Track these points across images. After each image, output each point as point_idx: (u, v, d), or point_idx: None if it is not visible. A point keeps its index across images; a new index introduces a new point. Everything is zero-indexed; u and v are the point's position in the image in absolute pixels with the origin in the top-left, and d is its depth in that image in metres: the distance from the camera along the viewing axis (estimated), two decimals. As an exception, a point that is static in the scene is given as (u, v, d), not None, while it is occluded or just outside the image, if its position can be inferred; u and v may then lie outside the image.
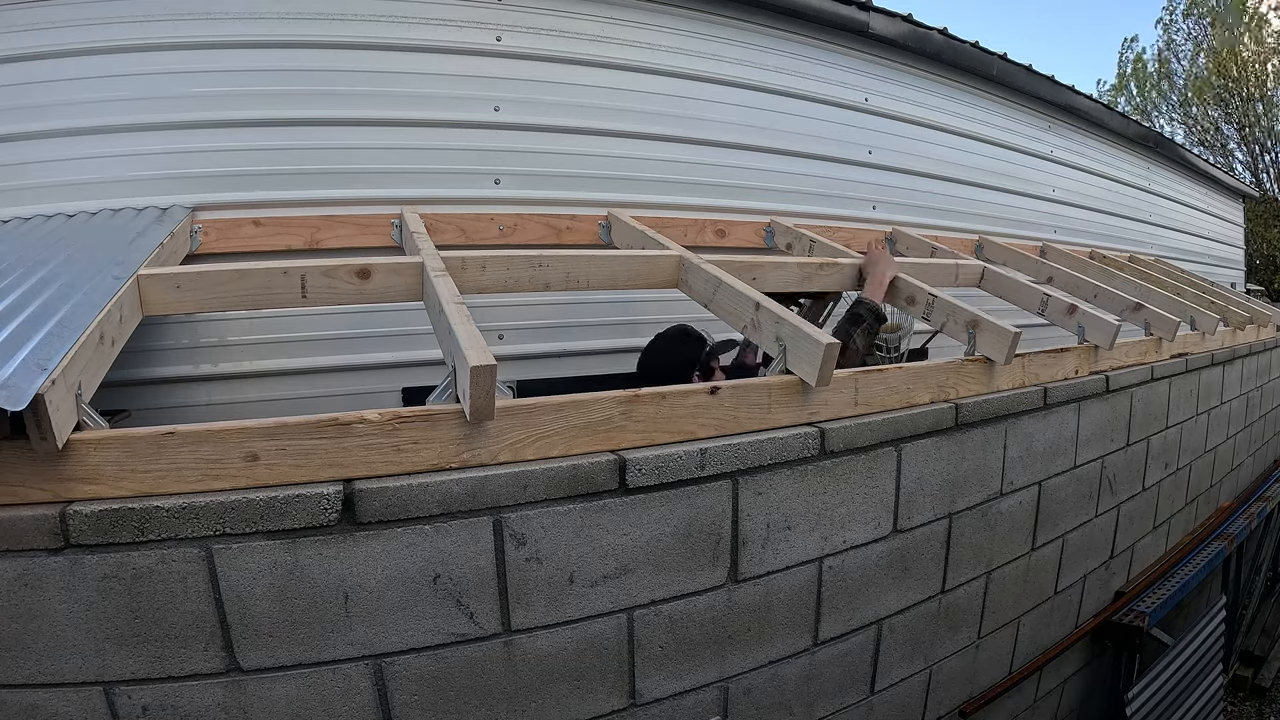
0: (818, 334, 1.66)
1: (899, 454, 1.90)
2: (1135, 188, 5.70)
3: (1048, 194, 4.68)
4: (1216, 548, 3.71)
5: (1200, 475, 3.74)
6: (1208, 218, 7.19)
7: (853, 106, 3.46)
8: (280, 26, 2.20)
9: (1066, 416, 2.48)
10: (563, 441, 1.42)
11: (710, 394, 1.59)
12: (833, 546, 1.80)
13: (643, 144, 2.80)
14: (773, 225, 3.07)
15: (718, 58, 2.96)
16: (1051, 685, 2.77)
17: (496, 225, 2.49)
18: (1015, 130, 4.38)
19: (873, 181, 3.56)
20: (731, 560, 1.62)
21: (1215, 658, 3.46)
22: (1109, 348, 2.66)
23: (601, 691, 1.50)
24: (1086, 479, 2.65)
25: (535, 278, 1.92)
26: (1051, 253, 4.17)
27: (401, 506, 1.26)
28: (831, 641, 1.85)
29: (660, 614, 1.54)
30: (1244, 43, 14.68)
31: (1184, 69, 16.52)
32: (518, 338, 2.57)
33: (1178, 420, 3.31)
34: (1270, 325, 4.63)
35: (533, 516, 1.37)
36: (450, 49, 2.41)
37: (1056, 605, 2.66)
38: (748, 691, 1.71)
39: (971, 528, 2.16)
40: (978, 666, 2.33)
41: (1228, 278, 7.42)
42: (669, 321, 2.28)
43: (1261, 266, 14.50)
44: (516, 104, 2.52)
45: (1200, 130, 16.30)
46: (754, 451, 1.61)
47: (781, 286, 2.33)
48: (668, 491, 1.51)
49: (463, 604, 1.33)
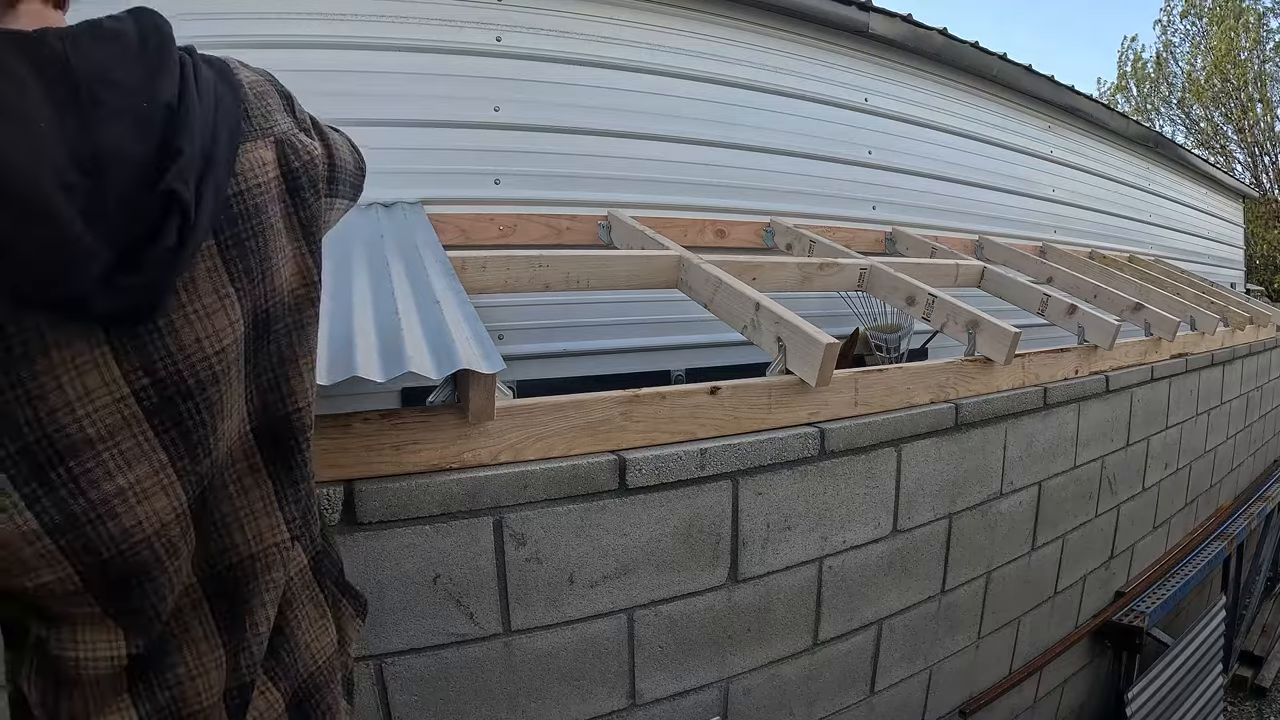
0: (818, 334, 1.66)
1: (899, 454, 1.90)
2: (1135, 188, 5.70)
3: (1048, 194, 4.68)
4: (1216, 548, 3.71)
5: (1200, 475, 3.74)
6: (1208, 218, 7.19)
7: (853, 106, 3.46)
8: (280, 26, 2.19)
9: (1066, 416, 2.48)
10: (563, 441, 1.42)
11: (710, 394, 1.59)
12: (833, 546, 1.80)
13: (643, 144, 2.80)
14: (773, 225, 3.07)
15: (718, 58, 2.96)
16: (1051, 685, 2.77)
17: (496, 225, 2.48)
18: (1015, 130, 4.38)
19: (873, 181, 3.56)
20: (731, 560, 1.62)
21: (1215, 658, 3.46)
22: (1109, 348, 2.66)
23: (601, 692, 1.50)
24: (1086, 479, 2.65)
25: (535, 278, 1.91)
26: (1051, 253, 4.17)
27: (401, 507, 1.26)
28: (831, 641, 1.85)
29: (660, 614, 1.54)
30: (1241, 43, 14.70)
31: (1182, 70, 16.53)
32: (518, 338, 2.57)
33: (1178, 420, 3.31)
34: (1270, 325, 4.63)
35: (533, 516, 1.37)
36: (450, 49, 2.41)
37: (1056, 605, 2.66)
38: (748, 691, 1.71)
39: (971, 528, 2.16)
40: (978, 666, 2.33)
41: (1228, 278, 7.42)
42: (669, 321, 2.28)
43: (1261, 266, 14.50)
44: (516, 104, 2.52)
45: (1200, 131, 16.31)
46: (754, 451, 1.61)
47: (781, 286, 2.33)
48: (668, 491, 1.51)
49: (462, 604, 1.33)
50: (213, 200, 0.62)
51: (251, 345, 0.71)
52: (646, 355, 2.85)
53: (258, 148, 0.70)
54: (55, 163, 0.52)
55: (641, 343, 2.83)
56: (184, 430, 0.64)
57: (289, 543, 0.78)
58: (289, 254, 0.74)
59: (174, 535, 0.66)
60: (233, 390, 0.69)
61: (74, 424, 0.57)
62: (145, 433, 0.62)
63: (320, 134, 0.85)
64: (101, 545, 0.61)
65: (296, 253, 0.75)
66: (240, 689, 0.74)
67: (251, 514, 0.75)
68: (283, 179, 0.73)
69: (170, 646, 0.70)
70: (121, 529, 0.61)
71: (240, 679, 0.74)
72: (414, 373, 1.13)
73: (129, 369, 0.60)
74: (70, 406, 0.57)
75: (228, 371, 0.67)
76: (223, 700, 0.73)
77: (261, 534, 0.75)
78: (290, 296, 0.75)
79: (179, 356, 0.62)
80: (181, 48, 0.65)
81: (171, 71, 0.61)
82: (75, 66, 0.55)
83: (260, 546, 0.75)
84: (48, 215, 0.51)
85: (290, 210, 0.74)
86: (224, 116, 0.66)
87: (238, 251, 0.67)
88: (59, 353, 0.56)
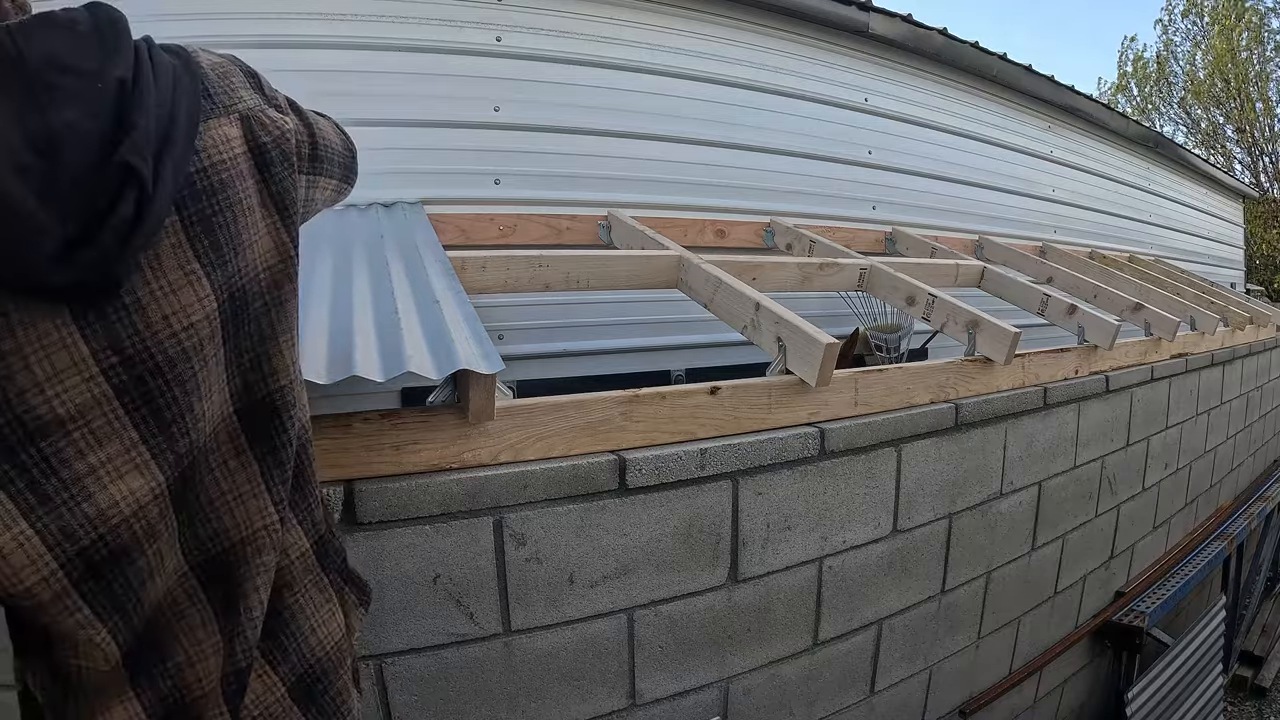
0: (818, 334, 1.66)
1: (899, 454, 1.90)
2: (1135, 188, 5.70)
3: (1048, 194, 4.68)
4: (1216, 548, 3.71)
5: (1200, 475, 3.74)
6: (1207, 218, 7.19)
7: (853, 106, 3.46)
8: (280, 26, 2.19)
9: (1066, 416, 2.48)
10: (563, 441, 1.42)
11: (710, 394, 1.59)
12: (833, 546, 1.80)
13: (643, 144, 2.80)
14: (773, 225, 3.07)
15: (718, 58, 2.96)
16: (1051, 685, 2.77)
17: (496, 225, 2.48)
18: (1015, 130, 4.38)
19: (873, 181, 3.56)
20: (731, 560, 1.62)
21: (1215, 658, 3.46)
22: (1109, 348, 2.66)
23: (601, 692, 1.50)
24: (1086, 479, 2.65)
25: (535, 278, 1.91)
26: (1051, 253, 4.17)
27: (401, 507, 1.26)
28: (831, 641, 1.85)
29: (660, 614, 1.54)
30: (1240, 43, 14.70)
31: (1183, 70, 16.53)
32: (518, 338, 2.57)
33: (1178, 420, 3.31)
34: (1270, 325, 4.63)
35: (533, 517, 1.37)
36: (450, 49, 2.41)
37: (1056, 605, 2.66)
38: (748, 691, 1.71)
39: (971, 528, 2.16)
40: (978, 666, 2.33)
41: (1227, 278, 7.43)
42: (669, 321, 2.28)
43: (1261, 266, 14.50)
44: (516, 104, 2.52)
45: (1200, 131, 16.31)
46: (754, 451, 1.61)
47: (781, 286, 2.33)
48: (668, 491, 1.51)
49: (462, 604, 1.33)
50: (172, 177, 0.62)
51: (230, 325, 0.71)
52: (646, 355, 2.85)
53: (221, 125, 0.70)
54: (10, 145, 0.53)
55: (641, 343, 2.83)
56: (155, 408, 0.65)
57: (278, 525, 0.78)
58: (262, 229, 0.74)
59: (152, 517, 0.66)
60: (209, 369, 0.69)
61: (44, 404, 0.58)
62: (115, 410, 0.62)
63: (298, 113, 0.85)
64: (79, 528, 0.61)
65: (271, 228, 0.75)
66: (236, 674, 0.75)
67: (239, 497, 0.75)
68: (251, 154, 0.72)
69: (168, 635, 0.71)
70: (97, 509, 0.62)
71: (236, 664, 0.75)
72: (413, 372, 1.13)
73: (97, 348, 0.60)
74: (39, 387, 0.58)
75: (201, 349, 0.67)
76: (220, 685, 0.74)
77: (250, 517, 0.76)
78: (266, 273, 0.75)
79: (146, 334, 0.63)
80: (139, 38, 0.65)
81: (125, 53, 0.62)
82: (27, 56, 0.55)
83: (250, 530, 0.75)
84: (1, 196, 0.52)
85: (262, 185, 0.74)
86: (182, 95, 0.66)
87: (203, 228, 0.67)
88: (25, 333, 0.56)
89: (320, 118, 0.91)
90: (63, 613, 0.62)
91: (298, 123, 0.82)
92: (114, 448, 0.63)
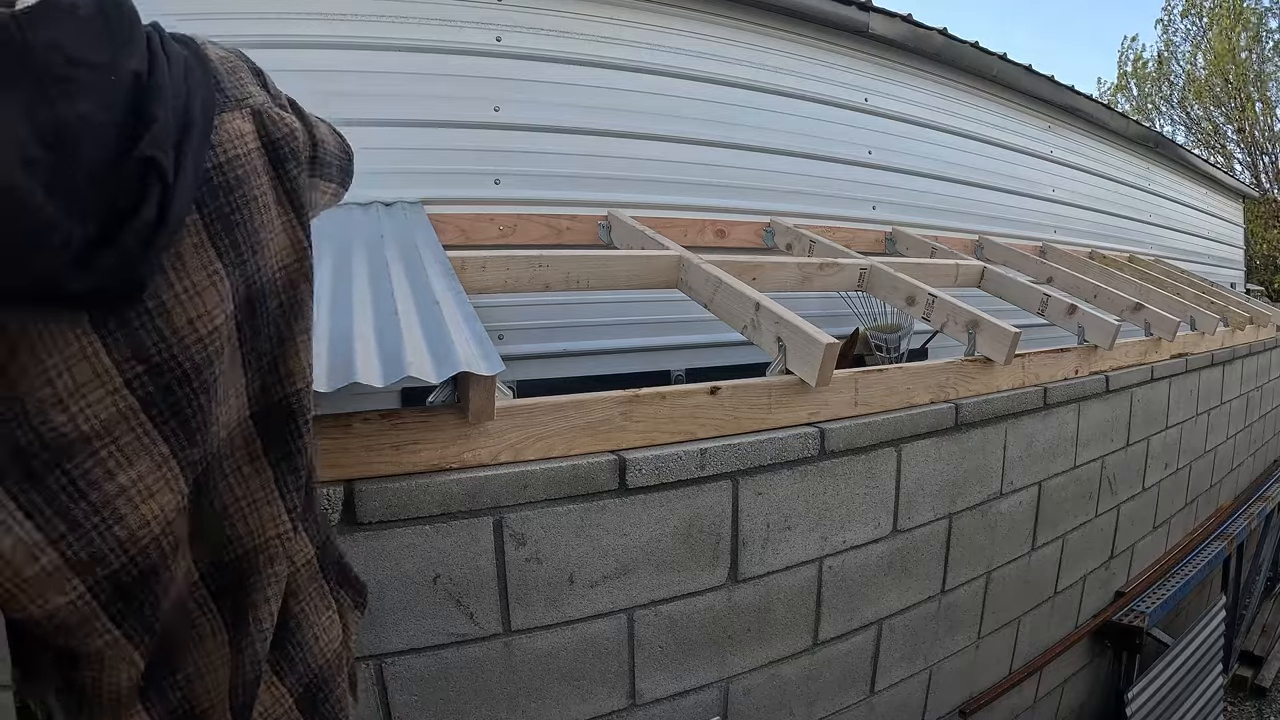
0: (818, 334, 1.66)
1: (899, 454, 1.90)
2: (1135, 188, 5.70)
3: (1048, 194, 4.68)
4: (1216, 548, 3.71)
5: (1200, 475, 3.74)
6: (1207, 218, 7.19)
7: (853, 106, 3.46)
8: (280, 26, 2.19)
9: (1066, 416, 2.48)
10: (563, 441, 1.42)
11: (710, 394, 1.59)
12: (833, 546, 1.80)
13: (643, 144, 2.80)
14: (773, 225, 3.07)
15: (718, 58, 2.96)
16: (1051, 685, 2.77)
17: (496, 225, 2.48)
18: (1015, 130, 4.38)
19: (873, 181, 3.56)
20: (731, 560, 1.62)
21: (1215, 658, 3.46)
22: (1109, 348, 2.66)
23: (601, 692, 1.50)
24: (1086, 479, 2.65)
25: (535, 278, 1.91)
26: (1051, 253, 4.17)
27: (401, 507, 1.26)
28: (831, 641, 1.85)
29: (660, 614, 1.54)
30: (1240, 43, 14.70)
31: (1183, 69, 16.53)
32: (518, 338, 2.57)
33: (1178, 420, 3.31)
34: (1270, 325, 4.63)
35: (533, 517, 1.37)
36: (450, 49, 2.41)
37: (1056, 605, 2.66)
38: (748, 691, 1.71)
39: (971, 528, 2.16)
40: (978, 666, 2.33)
41: (1227, 278, 7.43)
42: (669, 321, 2.28)
43: (1261, 266, 14.50)
44: (516, 104, 2.52)
45: (1200, 131, 16.31)
46: (754, 451, 1.61)
47: (781, 286, 2.33)
48: (668, 491, 1.51)
49: (462, 604, 1.33)
50: (192, 170, 0.59)
51: (247, 325, 0.69)
52: (646, 355, 2.85)
53: (235, 119, 0.68)
54: (17, 138, 0.50)
55: (641, 343, 2.83)
56: (183, 419, 0.62)
57: (291, 534, 0.76)
58: (278, 227, 0.72)
59: (178, 531, 0.64)
60: (227, 374, 0.67)
61: (67, 421, 0.54)
62: (144, 424, 0.59)
63: (299, 113, 0.83)
64: (110, 553, 0.58)
65: (287, 225, 0.73)
66: (245, 685, 0.73)
67: (253, 504, 0.73)
68: (264, 150, 0.70)
69: (179, 645, 0.69)
70: (129, 531, 0.59)
71: (244, 676, 0.73)
72: (413, 376, 1.13)
73: (120, 358, 0.57)
74: (62, 403, 0.54)
75: (221, 352, 0.65)
76: (229, 697, 0.73)
77: (264, 525, 0.74)
78: (282, 273, 0.73)
79: (173, 340, 0.60)
80: (148, 24, 0.63)
81: (138, 43, 0.59)
82: (31, 43, 0.52)
83: (263, 538, 0.74)
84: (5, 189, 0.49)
85: (276, 181, 0.71)
86: (196, 87, 0.63)
87: (223, 225, 0.64)
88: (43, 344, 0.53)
89: (318, 121, 0.90)
90: (91, 635, 0.59)
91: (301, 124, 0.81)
92: (144, 465, 0.59)
